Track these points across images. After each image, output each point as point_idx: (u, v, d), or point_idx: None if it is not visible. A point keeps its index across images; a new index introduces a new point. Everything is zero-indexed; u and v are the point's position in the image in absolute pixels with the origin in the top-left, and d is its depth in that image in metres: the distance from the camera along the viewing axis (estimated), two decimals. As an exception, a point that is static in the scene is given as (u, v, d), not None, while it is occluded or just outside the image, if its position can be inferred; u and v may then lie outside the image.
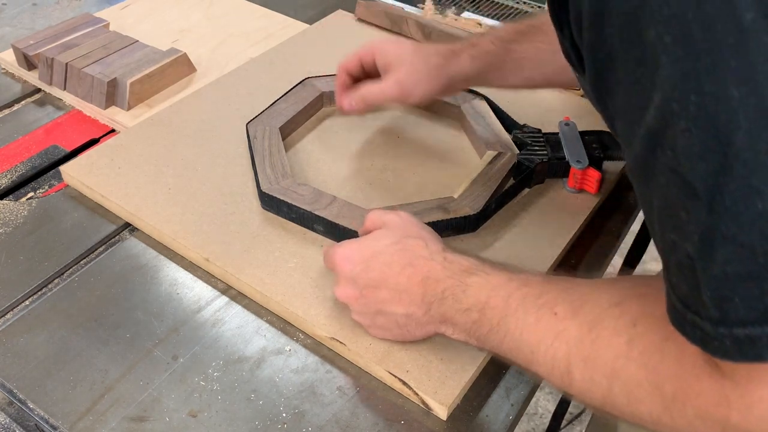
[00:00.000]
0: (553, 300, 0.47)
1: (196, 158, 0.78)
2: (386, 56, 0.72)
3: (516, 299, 0.49)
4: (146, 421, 0.55)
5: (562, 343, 0.45)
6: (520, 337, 0.48)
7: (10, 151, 0.83)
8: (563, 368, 0.45)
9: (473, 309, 0.51)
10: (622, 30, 0.33)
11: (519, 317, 0.48)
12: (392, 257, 0.56)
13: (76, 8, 1.12)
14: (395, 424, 0.56)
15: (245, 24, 1.06)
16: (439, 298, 0.53)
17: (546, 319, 0.47)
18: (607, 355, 0.42)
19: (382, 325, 0.58)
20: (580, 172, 0.74)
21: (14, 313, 0.64)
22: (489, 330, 0.51)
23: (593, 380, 0.43)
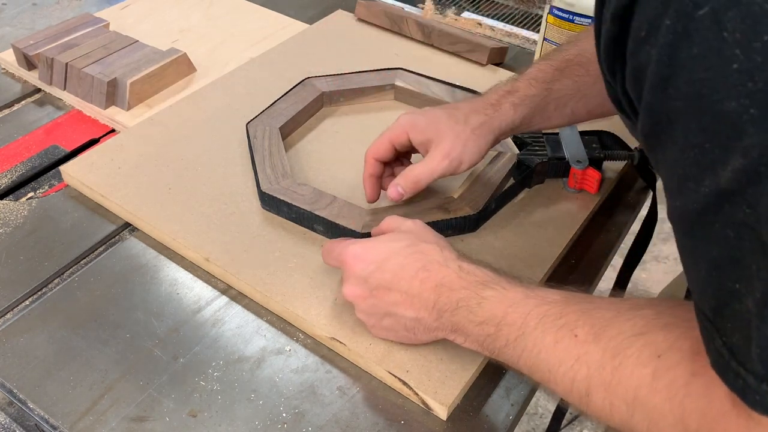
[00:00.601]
0: (573, 322, 0.47)
1: (196, 158, 0.78)
2: (422, 133, 0.66)
3: (534, 318, 0.49)
4: (146, 421, 0.55)
5: (583, 366, 0.45)
6: (538, 356, 0.48)
7: (10, 151, 0.83)
8: (582, 391, 0.45)
9: (488, 323, 0.51)
10: (690, 98, 0.33)
11: (537, 336, 0.48)
12: (406, 259, 0.55)
13: (76, 8, 1.12)
14: (395, 424, 0.56)
15: (245, 24, 1.06)
16: (452, 307, 0.53)
17: (566, 342, 0.46)
18: (629, 383, 0.42)
19: (389, 326, 0.57)
20: (580, 172, 0.74)
21: (14, 313, 0.64)
22: (504, 345, 0.50)
23: (613, 405, 0.43)
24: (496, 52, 0.96)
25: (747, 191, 0.32)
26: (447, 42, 0.98)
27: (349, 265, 0.57)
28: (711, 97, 0.32)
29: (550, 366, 0.47)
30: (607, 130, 0.79)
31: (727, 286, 0.35)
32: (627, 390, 0.42)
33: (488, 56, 0.95)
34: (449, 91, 0.86)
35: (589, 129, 0.79)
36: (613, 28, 0.36)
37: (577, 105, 0.67)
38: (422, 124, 0.66)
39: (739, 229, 0.33)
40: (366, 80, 0.88)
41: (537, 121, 0.68)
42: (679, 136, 0.34)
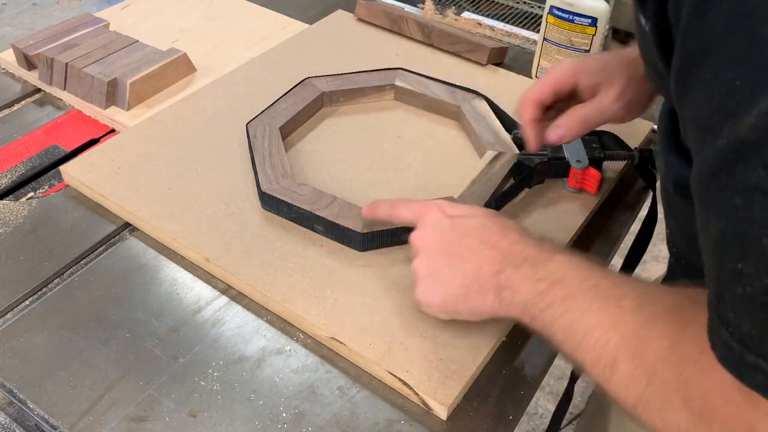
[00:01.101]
0: (623, 293, 0.46)
1: (196, 158, 0.78)
2: (593, 76, 0.65)
3: (590, 283, 0.48)
4: (146, 421, 0.55)
5: (617, 334, 0.44)
6: (579, 319, 0.47)
7: (10, 151, 0.83)
8: (609, 359, 0.44)
9: (544, 280, 0.50)
10: (732, 19, 0.31)
11: (584, 300, 0.47)
12: (487, 221, 0.56)
13: (76, 8, 1.12)
14: (395, 424, 0.56)
15: (245, 24, 1.06)
16: (519, 262, 0.52)
17: (610, 309, 0.45)
18: (650, 354, 0.41)
19: (442, 278, 0.56)
20: (580, 172, 0.74)
21: (14, 313, 0.64)
22: (548, 305, 0.49)
23: (634, 377, 0.42)
24: (496, 52, 0.96)
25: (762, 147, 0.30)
26: (447, 42, 0.98)
27: (428, 213, 0.58)
28: (754, 17, 0.30)
29: (586, 329, 0.46)
30: (607, 130, 0.79)
31: (728, 267, 0.33)
32: (648, 362, 0.41)
33: (488, 56, 0.95)
34: (449, 91, 0.86)
35: (589, 129, 0.79)
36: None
37: None
38: (593, 67, 0.65)
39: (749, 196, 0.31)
40: (366, 80, 0.88)
41: None
42: (710, 73, 0.33)
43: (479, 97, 0.84)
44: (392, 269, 0.66)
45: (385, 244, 0.68)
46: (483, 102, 0.84)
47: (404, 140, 0.82)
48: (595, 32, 0.86)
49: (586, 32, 0.86)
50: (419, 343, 0.59)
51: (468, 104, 0.83)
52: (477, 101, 0.84)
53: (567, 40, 0.87)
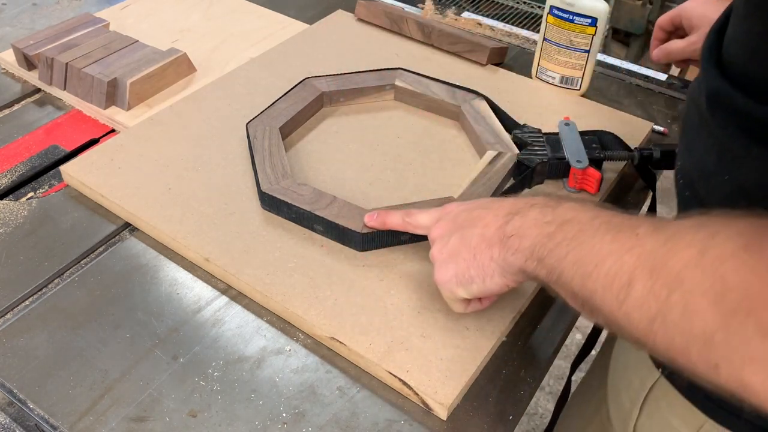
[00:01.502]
0: (637, 223, 0.44)
1: (196, 158, 0.78)
2: (690, 18, 0.84)
3: (601, 219, 0.47)
4: (146, 421, 0.55)
5: (632, 257, 0.42)
6: (590, 251, 0.45)
7: (10, 151, 0.83)
8: (624, 280, 0.42)
9: (553, 222, 0.49)
10: None
11: (596, 234, 0.46)
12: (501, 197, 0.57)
13: (76, 8, 1.12)
14: (395, 424, 0.56)
15: (245, 24, 1.06)
16: (525, 210, 0.52)
17: (624, 237, 0.44)
18: (675, 264, 0.39)
19: (453, 252, 0.56)
20: (580, 172, 0.74)
21: (14, 313, 0.64)
22: (557, 244, 0.48)
23: (652, 291, 0.40)
24: (496, 52, 0.96)
25: None
26: (447, 42, 0.98)
27: (444, 210, 0.60)
28: None
29: (598, 259, 0.44)
30: (608, 131, 0.79)
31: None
32: (671, 272, 0.39)
33: (488, 56, 0.95)
34: (449, 91, 0.86)
35: (589, 129, 0.79)
36: None
37: None
38: (693, 11, 0.84)
39: None
40: (366, 80, 0.88)
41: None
42: None
43: (479, 97, 0.85)
44: (392, 269, 0.66)
45: (385, 244, 0.68)
46: (483, 102, 0.84)
47: (404, 140, 0.82)
48: (595, 32, 0.86)
49: (586, 32, 0.86)
50: (419, 343, 0.59)
51: (468, 104, 0.83)
52: (477, 101, 0.84)
53: (567, 40, 0.87)
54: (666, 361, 0.41)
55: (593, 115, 0.87)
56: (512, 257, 0.52)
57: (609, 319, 0.44)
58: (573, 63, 0.89)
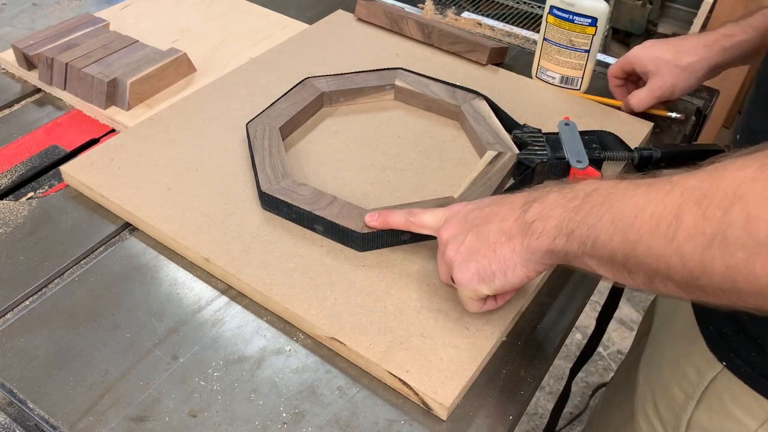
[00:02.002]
0: (668, 175, 0.44)
1: (196, 158, 0.78)
2: (643, 66, 0.83)
3: (627, 182, 0.46)
4: (146, 421, 0.55)
5: (674, 197, 0.41)
6: (626, 205, 0.44)
7: (10, 151, 0.83)
8: (671, 217, 0.41)
9: (576, 197, 0.49)
10: None
11: (627, 191, 0.45)
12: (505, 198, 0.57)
13: (76, 8, 1.12)
14: (395, 424, 0.56)
15: (245, 24, 1.06)
16: (543, 196, 0.52)
17: (660, 185, 0.43)
18: (729, 185, 0.39)
19: (470, 250, 0.56)
20: (580, 172, 0.74)
21: (14, 313, 0.64)
22: (588, 212, 0.47)
23: (705, 216, 0.39)
24: (496, 52, 0.96)
25: None
26: (447, 42, 0.98)
27: (451, 210, 0.60)
28: None
29: (638, 209, 0.43)
30: (608, 131, 0.79)
31: None
32: (725, 192, 0.39)
33: (488, 56, 0.95)
34: (449, 91, 0.86)
35: (589, 129, 0.79)
36: None
37: None
38: (644, 59, 0.83)
39: None
40: (366, 80, 0.88)
41: (744, 62, 0.77)
42: None
43: (479, 97, 0.85)
44: (392, 269, 0.66)
45: (385, 244, 0.68)
46: (483, 102, 0.84)
47: (404, 140, 0.82)
48: (595, 32, 0.86)
49: (586, 32, 0.86)
50: (419, 343, 0.59)
51: (468, 104, 0.83)
52: (477, 101, 0.84)
53: (567, 40, 0.87)
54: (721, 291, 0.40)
55: (593, 115, 0.87)
56: (536, 242, 0.52)
57: (657, 265, 0.43)
58: (573, 63, 0.89)
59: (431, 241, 0.69)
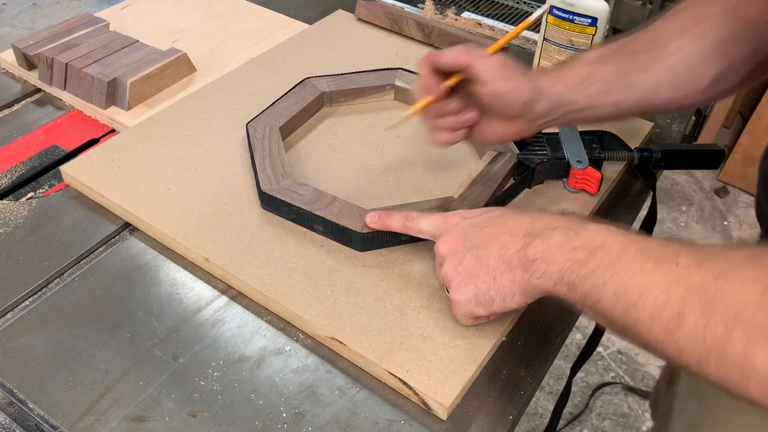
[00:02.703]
0: (676, 252, 0.44)
1: (196, 158, 0.78)
2: (483, 72, 0.67)
3: (635, 246, 0.46)
4: (146, 421, 0.55)
5: (680, 288, 0.42)
6: (630, 280, 0.45)
7: (10, 151, 0.83)
8: (674, 312, 0.42)
9: (583, 248, 0.49)
10: None
11: (634, 262, 0.45)
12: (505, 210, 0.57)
13: (76, 8, 1.12)
14: (395, 424, 0.56)
15: (245, 24, 1.06)
16: (548, 234, 0.52)
17: (667, 267, 0.43)
18: (732, 302, 0.39)
19: (469, 272, 0.56)
20: (580, 172, 0.74)
21: (14, 313, 0.64)
22: (592, 271, 0.48)
23: (707, 327, 0.40)
24: (496, 52, 0.96)
25: None
26: (447, 42, 0.98)
27: (448, 222, 0.60)
28: None
29: (641, 290, 0.44)
30: (608, 131, 0.79)
31: None
32: (728, 309, 0.39)
33: (488, 56, 0.95)
34: (449, 91, 0.86)
35: (589, 129, 0.79)
36: None
37: (621, 94, 0.65)
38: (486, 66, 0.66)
39: None
40: (366, 80, 0.88)
41: (580, 103, 0.65)
42: None
43: (479, 97, 0.84)
44: (392, 269, 0.66)
45: (385, 244, 0.68)
46: (483, 102, 0.84)
47: (404, 140, 0.82)
48: (595, 32, 0.86)
49: (586, 32, 0.86)
50: (419, 343, 0.59)
51: (468, 104, 0.83)
52: (477, 101, 0.84)
53: (567, 40, 0.87)
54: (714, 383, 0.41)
55: (593, 115, 0.87)
56: (538, 281, 0.52)
57: (654, 346, 0.44)
58: (573, 63, 0.89)
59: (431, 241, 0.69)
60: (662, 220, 2.07)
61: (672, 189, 2.20)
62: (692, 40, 0.63)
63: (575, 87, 0.65)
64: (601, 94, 0.65)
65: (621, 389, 1.63)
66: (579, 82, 0.65)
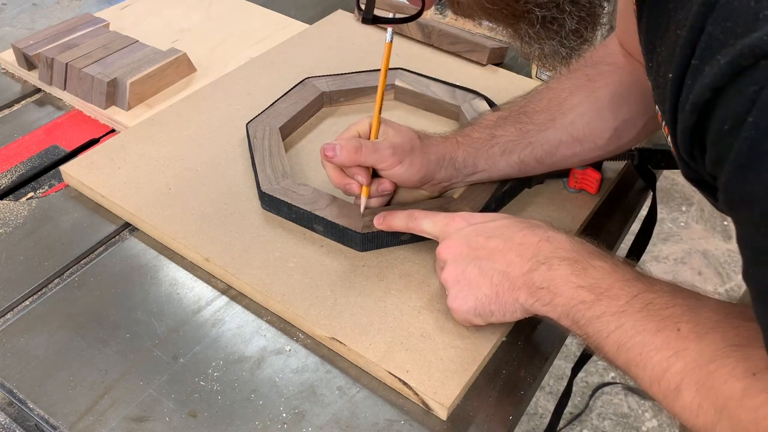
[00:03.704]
0: (678, 315, 0.46)
1: (196, 158, 0.78)
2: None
3: (641, 301, 0.48)
4: (146, 421, 0.55)
5: (680, 361, 0.45)
6: (634, 337, 0.47)
7: (10, 151, 0.83)
8: (672, 385, 0.45)
9: (589, 289, 0.50)
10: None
11: (639, 319, 0.47)
12: (511, 222, 0.57)
13: (76, 8, 1.12)
14: (395, 424, 0.56)
15: (245, 24, 1.06)
16: (555, 264, 0.52)
17: (668, 333, 0.46)
18: (721, 391, 0.42)
19: (470, 282, 0.56)
20: (580, 172, 0.74)
21: (14, 313, 0.64)
22: (598, 316, 0.49)
23: (702, 407, 0.43)
24: (496, 52, 0.96)
25: None
26: (447, 42, 0.98)
27: (452, 224, 0.59)
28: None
29: (645, 350, 0.46)
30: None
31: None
32: (718, 397, 0.42)
33: (488, 56, 0.95)
34: (449, 91, 0.86)
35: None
36: (693, 118, 0.37)
37: (523, 153, 0.68)
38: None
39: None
40: (366, 80, 0.88)
41: (482, 164, 0.68)
42: (758, 216, 0.35)
43: (479, 97, 0.84)
44: (392, 269, 0.66)
45: (385, 244, 0.68)
46: (483, 102, 0.84)
47: (404, 140, 0.82)
48: (595, 32, 0.85)
49: (586, 32, 0.85)
50: (419, 343, 0.59)
51: (468, 104, 0.83)
52: (477, 101, 0.84)
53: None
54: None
55: (593, 115, 0.87)
56: (542, 308, 0.53)
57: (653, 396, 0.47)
58: (573, 63, 0.89)
59: (431, 241, 0.69)
60: (662, 220, 2.07)
61: (672, 189, 2.20)
62: (588, 97, 0.66)
63: (477, 150, 0.68)
64: (504, 155, 0.68)
65: (621, 389, 1.63)
66: (480, 144, 0.68)
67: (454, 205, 0.69)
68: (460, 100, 0.84)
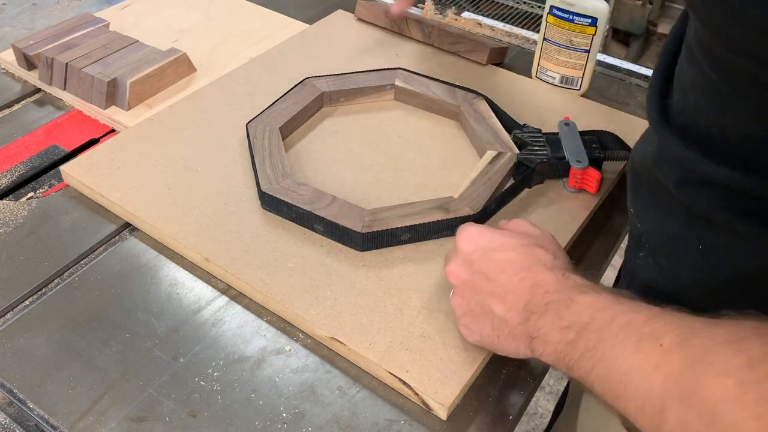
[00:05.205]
0: (660, 329, 0.42)
1: (196, 158, 0.78)
2: None
3: (620, 323, 0.44)
4: (146, 421, 0.55)
5: (659, 376, 0.39)
6: (614, 365, 0.43)
7: (10, 151, 0.83)
8: (656, 407, 0.39)
9: (572, 328, 0.48)
10: None
11: (617, 342, 0.43)
12: (515, 256, 0.55)
13: (76, 8, 1.12)
14: (395, 424, 0.56)
15: (245, 24, 1.06)
16: (541, 309, 0.51)
17: (648, 349, 0.41)
18: (708, 395, 0.36)
19: (478, 316, 0.56)
20: (580, 172, 0.74)
21: (14, 313, 0.64)
22: (581, 354, 0.46)
23: (687, 421, 0.37)
24: (496, 52, 0.96)
25: None
26: (447, 42, 0.98)
27: (459, 244, 0.58)
28: None
29: (623, 376, 0.42)
30: (608, 130, 0.79)
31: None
32: (705, 404, 0.37)
33: (488, 56, 0.95)
34: (449, 91, 0.86)
35: (589, 129, 0.79)
36: None
37: None
38: None
39: None
40: (366, 80, 0.88)
41: None
42: None
43: (479, 97, 0.85)
44: (392, 269, 0.66)
45: (385, 244, 0.68)
46: (483, 102, 0.84)
47: (404, 140, 0.82)
48: (595, 32, 0.86)
49: (586, 32, 0.86)
50: (419, 343, 0.59)
51: (468, 104, 0.83)
52: (477, 101, 0.84)
53: (567, 40, 0.87)
54: None
55: (593, 115, 0.87)
56: (540, 357, 0.52)
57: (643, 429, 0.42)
58: (573, 63, 0.89)
59: (431, 241, 0.69)
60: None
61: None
62: None
63: None
64: None
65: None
66: None
67: (454, 205, 0.69)
68: (460, 100, 0.84)
